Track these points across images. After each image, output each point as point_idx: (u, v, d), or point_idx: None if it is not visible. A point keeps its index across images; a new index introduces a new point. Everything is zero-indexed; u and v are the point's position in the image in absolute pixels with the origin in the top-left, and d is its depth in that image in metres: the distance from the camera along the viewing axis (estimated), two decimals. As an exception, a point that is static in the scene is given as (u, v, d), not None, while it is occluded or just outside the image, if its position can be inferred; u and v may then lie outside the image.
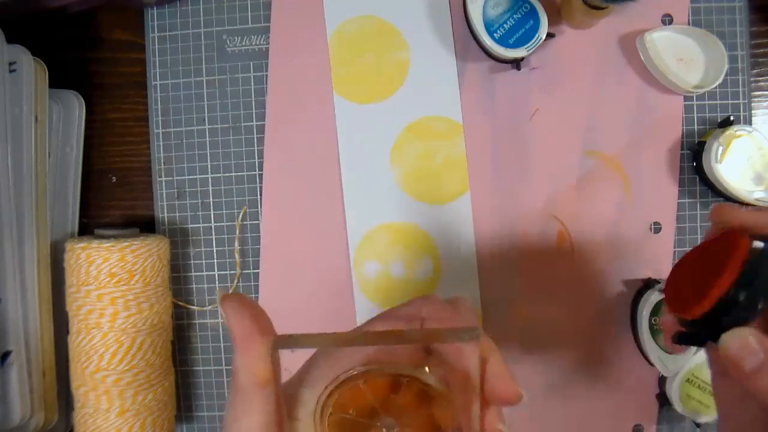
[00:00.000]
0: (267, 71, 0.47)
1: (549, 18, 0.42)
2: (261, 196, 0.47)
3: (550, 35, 0.43)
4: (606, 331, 0.46)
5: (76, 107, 0.47)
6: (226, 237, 0.48)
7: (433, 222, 0.46)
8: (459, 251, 0.46)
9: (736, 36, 0.45)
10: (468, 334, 0.24)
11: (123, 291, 0.41)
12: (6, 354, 0.40)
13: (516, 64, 0.44)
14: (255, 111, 0.47)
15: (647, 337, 0.43)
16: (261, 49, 0.47)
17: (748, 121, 0.45)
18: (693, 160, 0.45)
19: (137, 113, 0.48)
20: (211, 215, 0.48)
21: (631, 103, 0.46)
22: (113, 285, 0.41)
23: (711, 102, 0.46)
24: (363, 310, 0.46)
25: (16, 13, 0.44)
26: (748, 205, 0.43)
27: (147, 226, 0.48)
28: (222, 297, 0.22)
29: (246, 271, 0.48)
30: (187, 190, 0.48)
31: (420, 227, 0.46)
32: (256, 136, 0.47)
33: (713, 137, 0.43)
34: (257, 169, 0.47)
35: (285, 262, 0.47)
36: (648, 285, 0.44)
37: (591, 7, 0.41)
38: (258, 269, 0.47)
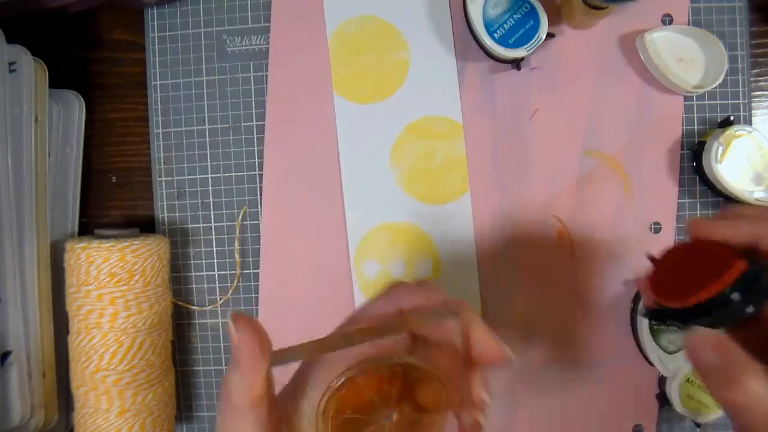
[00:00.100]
0: (267, 71, 0.47)
1: (549, 18, 0.42)
2: (261, 196, 0.47)
3: (550, 35, 0.43)
4: (606, 331, 0.46)
5: (76, 107, 0.47)
6: (226, 237, 0.48)
7: (433, 222, 0.46)
8: (459, 251, 0.46)
9: (736, 36, 0.45)
10: (448, 310, 0.25)
11: (123, 291, 0.41)
12: (6, 354, 0.40)
13: (516, 64, 0.44)
14: (255, 111, 0.47)
15: (647, 337, 0.43)
16: (261, 49, 0.47)
17: (748, 121, 0.45)
18: (693, 160, 0.45)
19: (137, 113, 0.48)
20: (211, 215, 0.48)
21: (631, 103, 0.46)
22: (113, 285, 0.41)
23: (711, 102, 0.46)
24: (363, 310, 0.46)
25: (16, 13, 0.44)
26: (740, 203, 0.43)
27: (147, 226, 0.48)
28: (233, 318, 0.22)
29: (246, 271, 0.48)
30: (187, 190, 0.48)
31: (420, 227, 0.46)
32: (256, 136, 0.47)
33: (713, 137, 0.43)
34: (257, 169, 0.47)
35: (285, 262, 0.47)
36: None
37: (591, 7, 0.41)
38: (258, 269, 0.47)
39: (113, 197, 0.49)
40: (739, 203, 0.43)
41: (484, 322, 0.25)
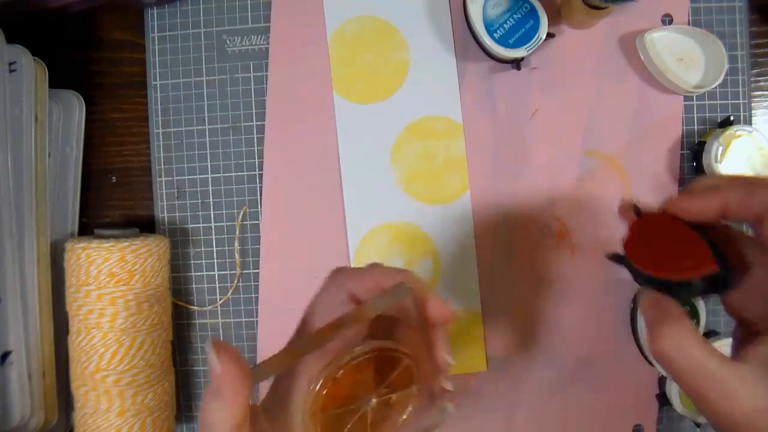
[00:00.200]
0: (267, 71, 0.47)
1: (549, 18, 0.42)
2: (261, 196, 0.47)
3: (550, 35, 0.43)
4: (606, 331, 0.46)
5: (76, 107, 0.47)
6: (226, 237, 0.48)
7: (433, 222, 0.46)
8: (459, 251, 0.46)
9: (736, 36, 0.45)
10: (401, 290, 0.26)
11: (123, 291, 0.41)
12: (6, 354, 0.40)
13: (516, 64, 0.44)
14: (255, 111, 0.47)
15: (647, 338, 0.43)
16: (261, 49, 0.47)
17: (748, 121, 0.45)
18: (693, 160, 0.45)
19: (137, 113, 0.48)
20: (211, 215, 0.48)
21: (631, 103, 0.45)
22: (113, 285, 0.41)
23: (711, 102, 0.46)
24: (363, 310, 0.46)
25: (16, 13, 0.44)
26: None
27: (147, 226, 0.48)
28: (216, 347, 0.22)
29: (246, 271, 0.48)
30: (187, 190, 0.48)
31: (420, 227, 0.46)
32: (256, 136, 0.47)
33: (713, 137, 0.43)
34: (257, 169, 0.47)
35: (285, 262, 0.47)
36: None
37: (591, 7, 0.41)
38: (258, 269, 0.47)
39: (113, 197, 0.49)
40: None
41: (433, 290, 0.27)
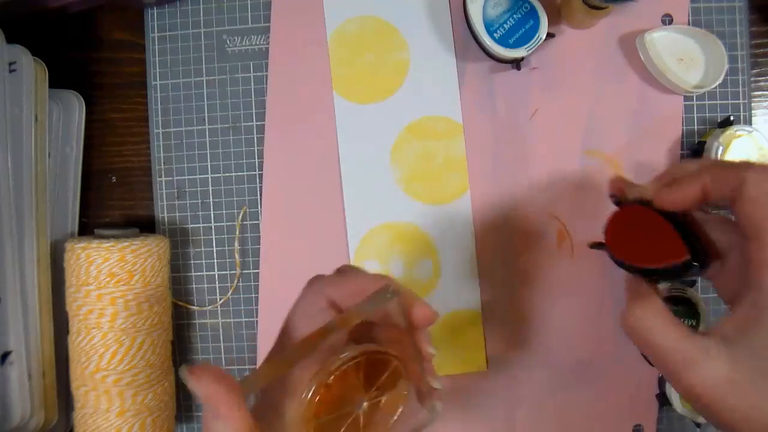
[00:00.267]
0: (267, 71, 0.47)
1: (549, 18, 0.42)
2: (261, 196, 0.47)
3: (550, 35, 0.43)
4: (606, 331, 0.46)
5: (76, 107, 0.47)
6: (226, 237, 0.48)
7: (433, 222, 0.46)
8: (459, 251, 0.46)
9: (736, 36, 0.45)
10: (387, 294, 0.26)
11: (123, 291, 0.41)
12: (6, 354, 0.40)
13: (516, 64, 0.44)
14: (255, 111, 0.47)
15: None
16: (261, 49, 0.47)
17: (748, 121, 0.45)
18: (693, 160, 0.45)
19: (137, 113, 0.48)
20: (211, 215, 0.48)
21: (631, 103, 0.45)
22: (113, 285, 0.41)
23: (711, 102, 0.46)
24: (363, 310, 0.46)
25: (16, 13, 0.44)
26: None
27: (147, 226, 0.48)
28: (192, 373, 0.22)
29: (246, 271, 0.48)
30: (187, 190, 0.48)
31: (420, 227, 0.46)
32: (256, 136, 0.47)
33: (713, 137, 0.43)
34: (257, 169, 0.47)
35: (285, 262, 0.47)
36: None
37: (591, 7, 0.41)
38: (258, 269, 0.47)
39: (113, 197, 0.49)
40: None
41: (413, 293, 0.28)
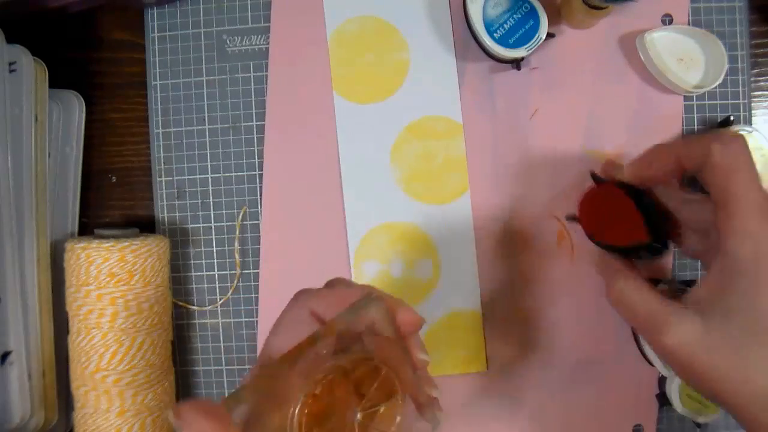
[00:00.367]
0: (267, 71, 0.47)
1: (549, 18, 0.42)
2: (261, 196, 0.47)
3: (550, 35, 0.43)
4: (606, 331, 0.46)
5: (76, 107, 0.47)
6: (226, 237, 0.48)
7: (433, 222, 0.46)
8: (459, 251, 0.46)
9: (736, 36, 0.45)
10: (369, 302, 0.26)
11: (123, 291, 0.41)
12: (6, 354, 0.40)
13: (516, 64, 0.44)
14: (255, 111, 0.47)
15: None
16: (261, 49, 0.47)
17: (748, 121, 0.45)
18: (693, 160, 0.45)
19: (137, 113, 0.48)
20: (211, 215, 0.48)
21: (631, 103, 0.45)
22: (113, 285, 0.41)
23: (711, 102, 0.46)
24: (363, 310, 0.46)
25: (16, 13, 0.44)
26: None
27: (147, 226, 0.48)
28: (176, 413, 0.22)
29: (246, 271, 0.48)
30: (187, 190, 0.48)
31: (420, 227, 0.46)
32: (256, 136, 0.47)
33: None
34: (257, 169, 0.47)
35: (285, 262, 0.47)
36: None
37: (591, 7, 0.41)
38: (258, 269, 0.47)
39: (113, 197, 0.49)
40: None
41: (396, 298, 0.28)
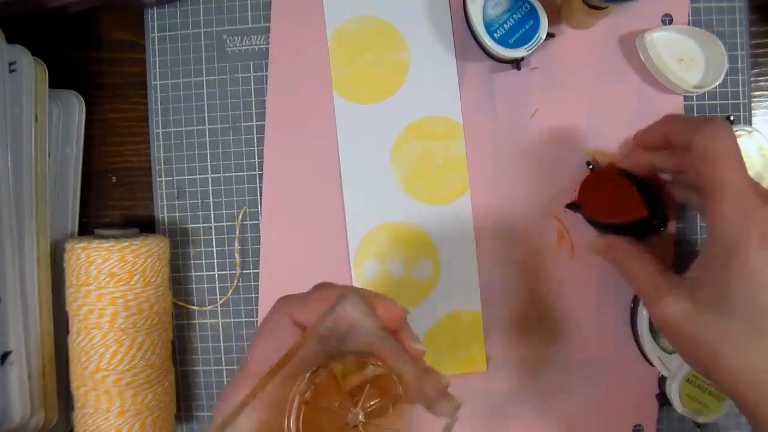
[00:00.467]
0: (267, 71, 0.47)
1: (549, 18, 0.42)
2: (261, 196, 0.47)
3: (550, 35, 0.43)
4: (606, 331, 0.46)
5: (76, 107, 0.47)
6: (226, 237, 0.48)
7: (433, 222, 0.46)
8: (459, 251, 0.46)
9: (736, 36, 0.45)
10: (340, 301, 0.25)
11: (123, 291, 0.41)
12: (6, 354, 0.40)
13: (516, 64, 0.44)
14: (255, 111, 0.47)
15: (647, 337, 0.43)
16: (261, 49, 0.47)
17: (748, 121, 0.45)
18: (693, 160, 0.45)
19: (137, 113, 0.48)
20: (211, 215, 0.48)
21: (632, 103, 0.45)
22: (113, 285, 0.41)
23: (711, 102, 0.46)
24: (363, 310, 0.46)
25: (16, 13, 0.44)
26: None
27: (147, 226, 0.48)
28: None
29: (246, 271, 0.48)
30: (187, 190, 0.48)
31: (420, 227, 0.46)
32: (256, 136, 0.47)
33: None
34: (257, 169, 0.47)
35: (285, 262, 0.47)
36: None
37: (591, 7, 0.41)
38: (258, 269, 0.47)
39: (113, 197, 0.49)
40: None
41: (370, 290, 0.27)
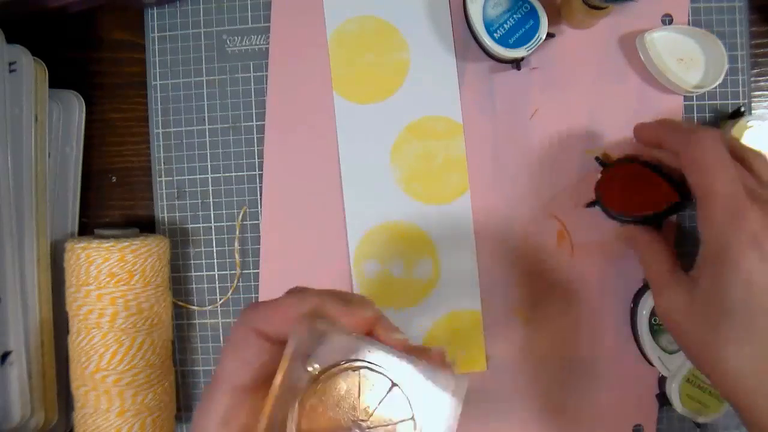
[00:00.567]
0: (267, 71, 0.47)
1: (549, 18, 0.42)
2: (261, 196, 0.47)
3: (550, 35, 0.43)
4: (606, 331, 0.46)
5: (76, 107, 0.47)
6: (226, 237, 0.48)
7: (433, 222, 0.46)
8: (459, 251, 0.46)
9: (736, 36, 0.45)
10: (293, 330, 0.25)
11: (123, 291, 0.41)
12: (6, 354, 0.40)
13: (516, 64, 0.44)
14: (255, 111, 0.47)
15: (647, 337, 0.43)
16: (261, 49, 0.47)
17: (748, 121, 0.46)
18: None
19: (137, 113, 0.48)
20: (211, 215, 0.48)
21: (632, 103, 0.45)
22: (113, 285, 0.41)
23: (711, 102, 0.46)
24: (363, 310, 0.46)
25: (16, 13, 0.44)
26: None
27: (147, 226, 0.48)
28: None
29: (246, 271, 0.48)
30: (187, 190, 0.48)
31: (420, 227, 0.46)
32: (256, 136, 0.47)
33: (725, 129, 0.42)
34: (257, 169, 0.47)
35: (285, 262, 0.47)
36: (648, 285, 0.44)
37: (591, 7, 0.41)
38: (258, 269, 0.47)
39: (113, 197, 0.49)
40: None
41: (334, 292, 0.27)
